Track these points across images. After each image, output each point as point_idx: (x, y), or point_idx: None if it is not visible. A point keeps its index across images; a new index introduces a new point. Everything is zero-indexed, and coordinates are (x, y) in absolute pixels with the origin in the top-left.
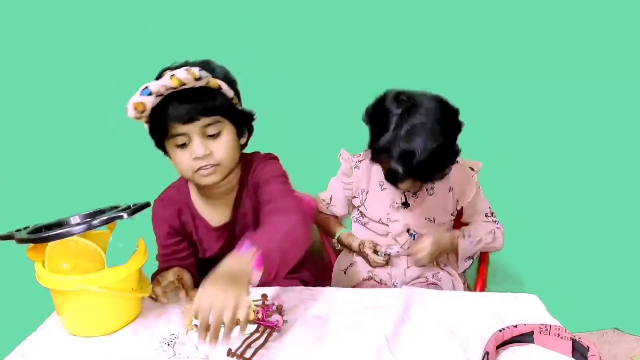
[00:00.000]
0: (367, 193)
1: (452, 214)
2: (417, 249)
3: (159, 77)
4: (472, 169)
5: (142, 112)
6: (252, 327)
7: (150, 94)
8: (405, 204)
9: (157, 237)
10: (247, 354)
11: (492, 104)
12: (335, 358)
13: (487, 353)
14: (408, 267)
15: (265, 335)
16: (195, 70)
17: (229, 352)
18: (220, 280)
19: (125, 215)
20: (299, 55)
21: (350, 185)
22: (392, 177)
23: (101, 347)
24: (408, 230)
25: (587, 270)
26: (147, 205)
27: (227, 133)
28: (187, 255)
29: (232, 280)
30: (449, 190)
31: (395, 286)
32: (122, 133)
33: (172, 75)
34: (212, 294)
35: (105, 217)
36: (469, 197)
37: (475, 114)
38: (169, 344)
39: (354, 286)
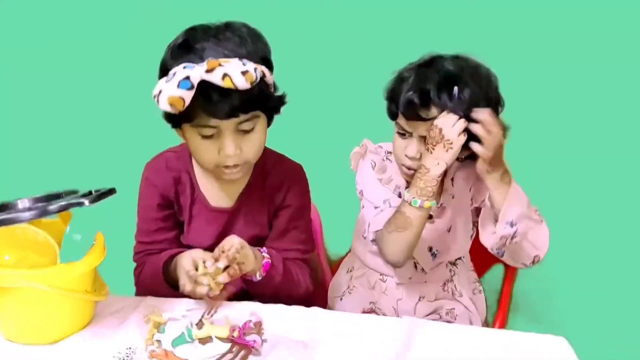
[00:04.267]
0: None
1: (471, 223)
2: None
3: (183, 45)
4: None
5: (181, 108)
6: (224, 347)
7: (191, 88)
8: (429, 217)
9: (142, 209)
10: None
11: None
12: None
13: None
14: (419, 300)
15: (239, 357)
16: (253, 74)
17: None
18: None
19: (86, 202)
20: (300, 55)
21: (390, 182)
22: (408, 105)
23: (42, 358)
24: (430, 249)
25: (624, 313)
26: (112, 192)
27: (260, 127)
28: (174, 237)
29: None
30: (469, 190)
31: None
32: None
33: (225, 75)
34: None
35: (63, 203)
36: (483, 195)
37: None
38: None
39: None
